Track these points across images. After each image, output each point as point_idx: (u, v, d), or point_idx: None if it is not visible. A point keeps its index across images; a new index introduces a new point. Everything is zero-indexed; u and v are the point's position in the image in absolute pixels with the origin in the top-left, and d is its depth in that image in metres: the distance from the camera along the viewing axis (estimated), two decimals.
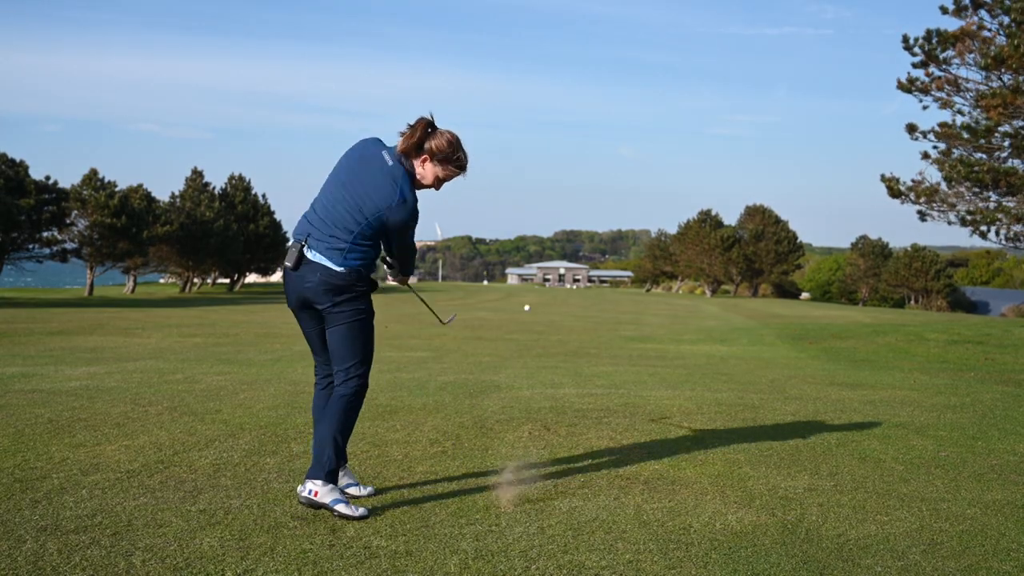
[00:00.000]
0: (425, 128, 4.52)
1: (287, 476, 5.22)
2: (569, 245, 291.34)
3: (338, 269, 4.43)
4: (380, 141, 4.63)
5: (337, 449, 4.47)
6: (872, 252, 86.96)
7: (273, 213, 65.57)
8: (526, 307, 37.61)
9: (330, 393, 4.74)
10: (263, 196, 65.56)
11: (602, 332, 21.39)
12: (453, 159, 4.56)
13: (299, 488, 4.42)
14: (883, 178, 23.72)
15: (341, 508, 4.35)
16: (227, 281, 66.98)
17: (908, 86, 22.01)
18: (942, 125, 22.03)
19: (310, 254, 4.48)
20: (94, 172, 48.47)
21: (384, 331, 18.27)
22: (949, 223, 23.20)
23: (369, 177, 4.45)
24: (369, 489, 4.92)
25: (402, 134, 4.55)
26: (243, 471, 5.32)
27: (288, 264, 4.49)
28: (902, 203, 23.67)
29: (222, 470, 5.33)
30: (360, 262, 4.47)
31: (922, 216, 23.42)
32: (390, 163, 4.49)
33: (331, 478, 4.43)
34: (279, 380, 9.81)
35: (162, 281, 77.05)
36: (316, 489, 4.37)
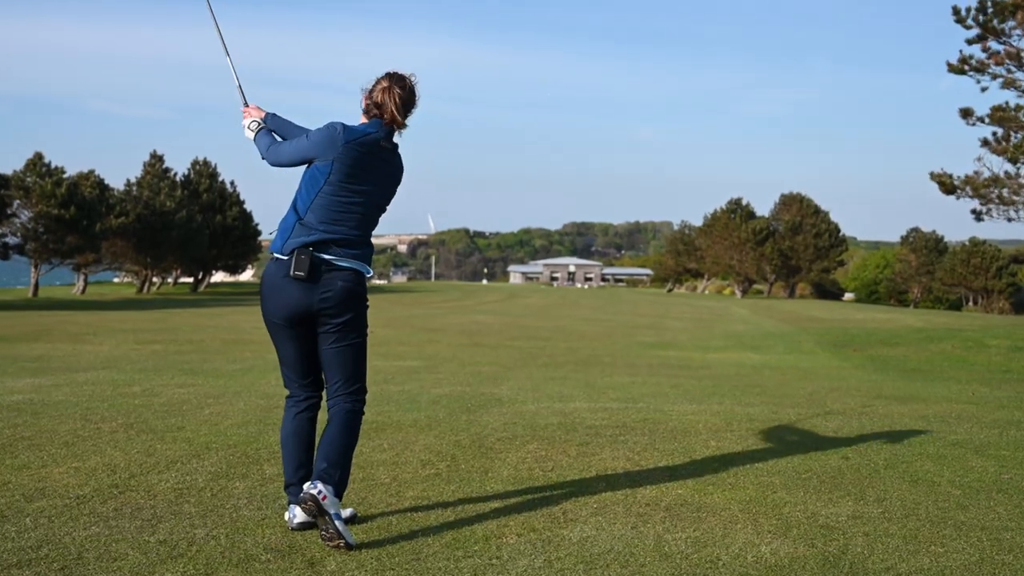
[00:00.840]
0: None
1: (258, 502, 5.22)
2: (580, 239, 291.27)
3: (367, 274, 4.76)
4: (349, 126, 4.77)
5: (348, 463, 4.67)
6: (925, 247, 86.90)
7: (243, 203, 65.65)
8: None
9: (309, 418, 4.89)
10: (231, 184, 65.64)
11: (617, 338, 21.40)
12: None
13: (306, 485, 4.48)
14: (933, 175, 23.76)
15: (339, 525, 4.38)
16: (190, 280, 67.02)
17: (960, 67, 22.03)
18: (995, 109, 22.03)
19: (335, 259, 4.66)
20: (39, 157, 48.53)
21: (369, 337, 18.28)
22: (1009, 219, 23.23)
23: (382, 173, 4.80)
24: (349, 511, 4.95)
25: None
26: (209, 496, 5.32)
27: (300, 272, 4.60)
28: (957, 199, 23.69)
29: (185, 495, 5.33)
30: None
31: (977, 216, 23.46)
32: (383, 139, 4.78)
33: (339, 492, 4.57)
34: (250, 393, 9.81)
35: (116, 280, 77.10)
36: (326, 494, 4.42)
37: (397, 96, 4.75)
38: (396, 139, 4.87)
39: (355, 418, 4.75)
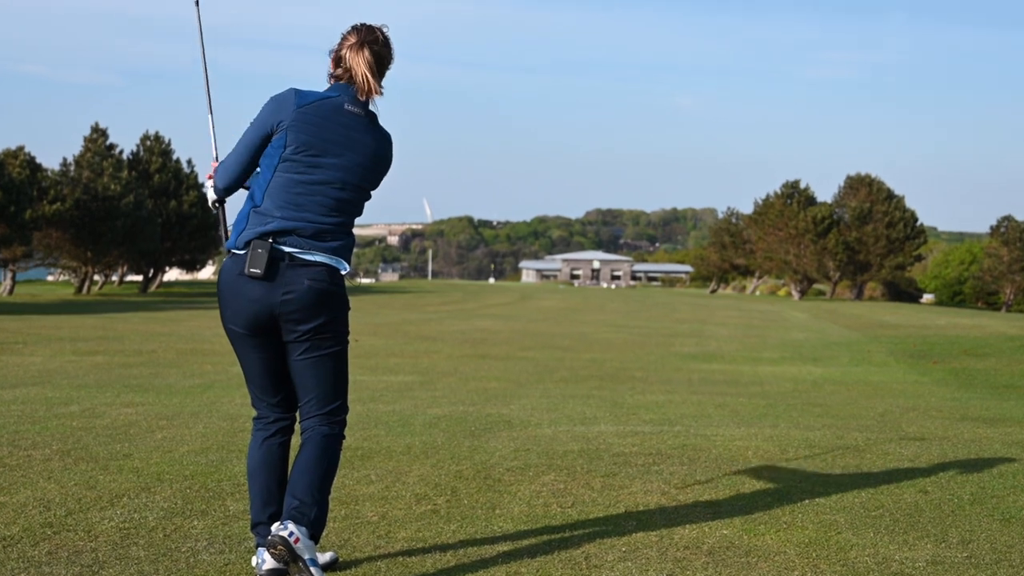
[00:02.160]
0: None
1: (220, 545, 5.22)
2: (606, 230, 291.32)
3: (342, 271, 4.68)
4: (302, 90, 4.74)
5: (327, 497, 4.66)
6: (1020, 239, 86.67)
7: (202, 186, 65.63)
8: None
9: (281, 443, 4.87)
10: (188, 163, 65.68)
11: (651, 348, 21.39)
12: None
13: (275, 526, 4.47)
14: None
15: (315, 572, 4.38)
16: (139, 279, 67.13)
17: None
18: None
19: (299, 252, 4.60)
20: None
21: (353, 346, 18.30)
22: None
23: (355, 143, 4.71)
24: (329, 555, 4.94)
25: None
26: (161, 537, 5.33)
27: (256, 270, 4.55)
28: None
29: (132, 536, 5.34)
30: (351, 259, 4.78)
31: None
32: (348, 103, 4.73)
33: (316, 533, 4.56)
34: (210, 413, 9.82)
35: (51, 279, 77.25)
36: (299, 536, 4.40)
37: (368, 56, 4.69)
38: (373, 108, 4.80)
39: (333, 444, 4.72)
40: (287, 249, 4.58)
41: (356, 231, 4.84)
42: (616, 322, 33.49)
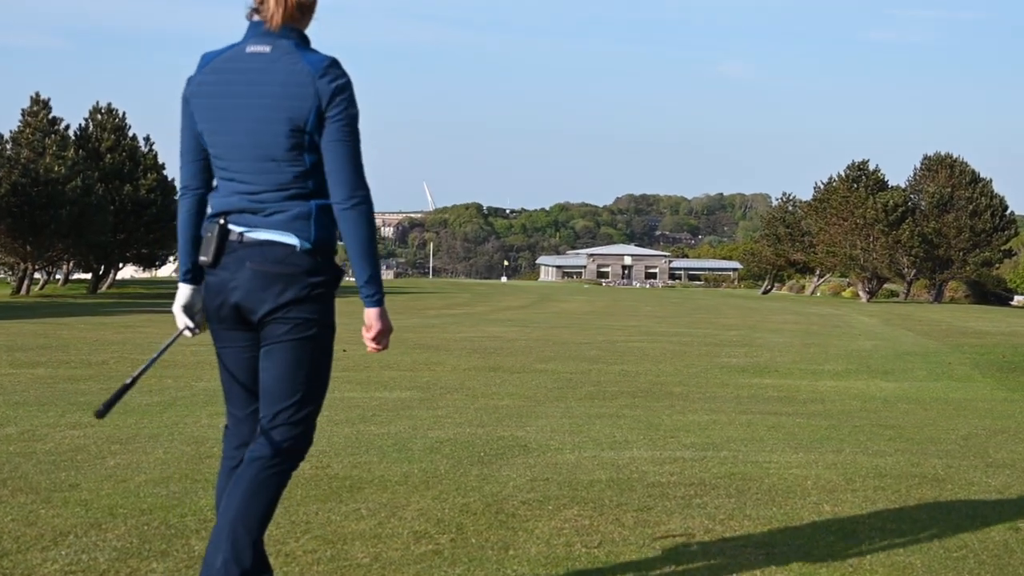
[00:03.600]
0: None
1: None
2: (639, 219, 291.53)
3: (298, 247, 4.50)
4: (209, 52, 4.67)
5: (243, 550, 4.43)
6: None
7: (163, 168, 65.84)
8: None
9: None
10: (145, 140, 65.79)
11: (692, 359, 21.38)
12: None
13: None
14: None
15: None
16: (88, 277, 67.24)
17: None
18: None
19: (247, 231, 4.52)
20: None
21: (340, 356, 18.27)
22: None
23: (263, 84, 4.50)
24: None
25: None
26: None
27: (204, 258, 4.54)
28: None
29: None
30: (328, 230, 4.58)
31: None
32: (252, 43, 4.54)
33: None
34: (172, 436, 9.83)
35: None
36: None
37: None
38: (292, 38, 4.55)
39: (258, 465, 4.51)
40: (236, 229, 4.52)
41: (307, 194, 4.57)
42: (651, 328, 33.48)
